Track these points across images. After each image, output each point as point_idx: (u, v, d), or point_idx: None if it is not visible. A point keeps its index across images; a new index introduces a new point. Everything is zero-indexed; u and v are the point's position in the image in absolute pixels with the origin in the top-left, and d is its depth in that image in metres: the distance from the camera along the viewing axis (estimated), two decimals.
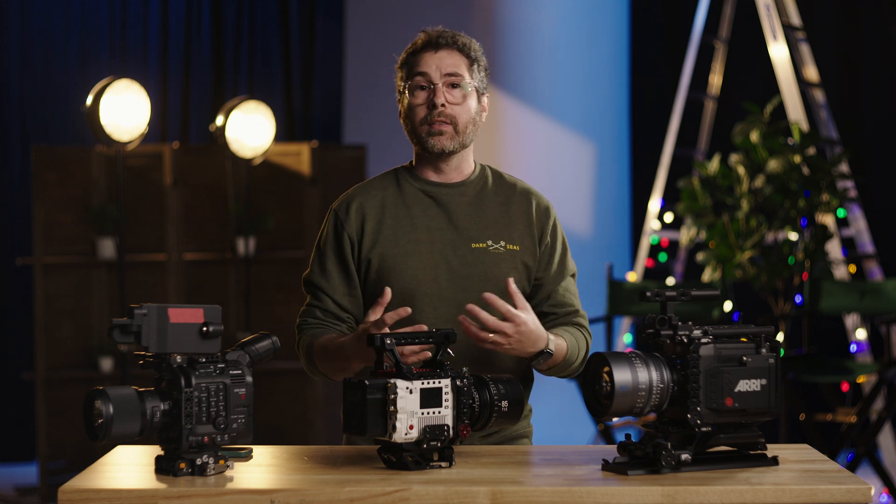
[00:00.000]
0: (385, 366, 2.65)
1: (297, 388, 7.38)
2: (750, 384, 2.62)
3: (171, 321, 2.52)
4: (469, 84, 3.14)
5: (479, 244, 3.15)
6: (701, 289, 2.68)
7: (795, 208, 6.97)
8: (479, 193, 3.20)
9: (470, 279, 3.12)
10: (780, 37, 7.68)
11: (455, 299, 3.10)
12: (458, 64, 3.14)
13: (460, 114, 3.12)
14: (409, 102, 3.14)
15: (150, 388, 2.52)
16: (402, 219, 3.16)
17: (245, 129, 7.13)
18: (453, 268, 3.12)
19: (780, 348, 2.67)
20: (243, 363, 2.59)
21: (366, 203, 3.18)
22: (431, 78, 3.13)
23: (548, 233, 3.21)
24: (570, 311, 3.22)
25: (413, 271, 3.11)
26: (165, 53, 8.51)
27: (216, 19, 8.62)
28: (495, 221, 3.18)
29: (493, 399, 2.68)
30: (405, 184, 3.20)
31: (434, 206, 3.17)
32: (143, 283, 7.46)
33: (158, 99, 8.33)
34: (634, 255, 8.84)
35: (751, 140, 7.08)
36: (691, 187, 7.33)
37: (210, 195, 7.59)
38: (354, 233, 3.15)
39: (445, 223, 3.16)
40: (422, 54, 3.15)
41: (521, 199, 3.23)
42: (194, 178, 7.54)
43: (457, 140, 3.13)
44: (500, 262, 3.14)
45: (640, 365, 2.58)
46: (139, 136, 6.17)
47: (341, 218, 3.18)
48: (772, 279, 7.09)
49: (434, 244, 3.13)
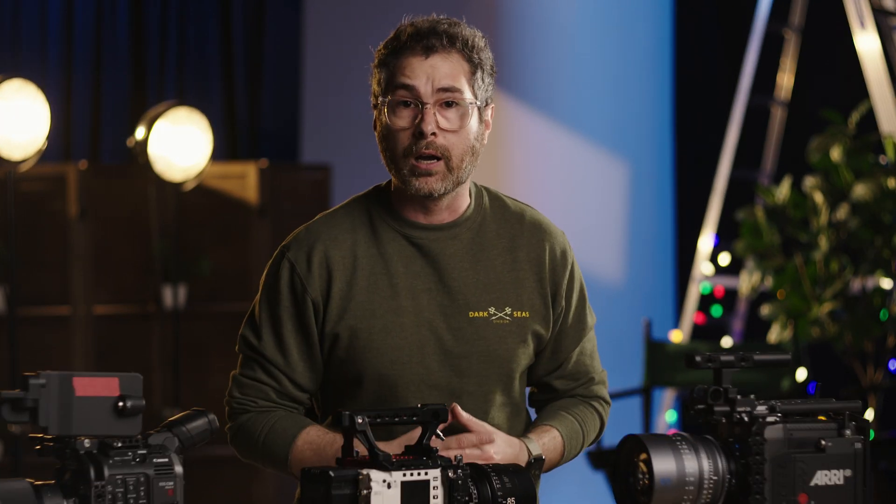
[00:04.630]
0: (355, 452, 2.65)
1: (243, 481, 7.38)
2: (830, 476, 2.63)
3: (78, 394, 2.52)
4: (470, 102, 3.01)
5: (478, 312, 3.07)
6: (766, 352, 2.69)
7: (889, 247, 7.00)
8: (477, 236, 3.12)
9: (468, 359, 3.06)
10: (869, 25, 7.73)
11: (448, 385, 3.06)
12: (457, 74, 3.01)
13: (455, 144, 2.98)
14: (388, 124, 3.01)
15: (49, 482, 2.52)
16: (378, 277, 3.06)
17: (173, 144, 7.15)
18: (445, 345, 3.06)
19: (869, 429, 2.68)
20: (171, 449, 2.59)
21: (332, 253, 3.06)
22: (420, 94, 2.98)
23: (563, 288, 3.15)
24: (584, 381, 3.22)
25: (394, 352, 3.04)
26: (70, 47, 8.54)
27: (136, 4, 8.65)
28: (499, 278, 3.10)
29: (496, 495, 2.68)
30: (380, 225, 3.10)
31: (419, 258, 3.08)
32: (41, 344, 7.46)
33: (61, 105, 8.34)
34: (680, 307, 8.87)
35: (831, 159, 7.11)
36: (754, 220, 7.36)
37: (128, 230, 7.60)
38: (319, 296, 3.05)
39: (434, 283, 3.07)
40: (407, 58, 3.00)
41: (530, 241, 3.15)
42: (107, 207, 7.56)
43: (450, 179, 3.00)
44: (505, 336, 3.08)
45: (688, 451, 2.59)
46: (35, 154, 6.18)
47: (300, 273, 3.06)
48: (859, 339, 7.11)
49: (421, 314, 3.05)
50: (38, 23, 8.50)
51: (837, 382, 7.53)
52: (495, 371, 3.06)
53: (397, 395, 3.04)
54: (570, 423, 3.12)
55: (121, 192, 7.61)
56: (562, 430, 3.09)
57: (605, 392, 3.25)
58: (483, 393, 3.06)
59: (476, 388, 3.05)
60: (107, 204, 7.56)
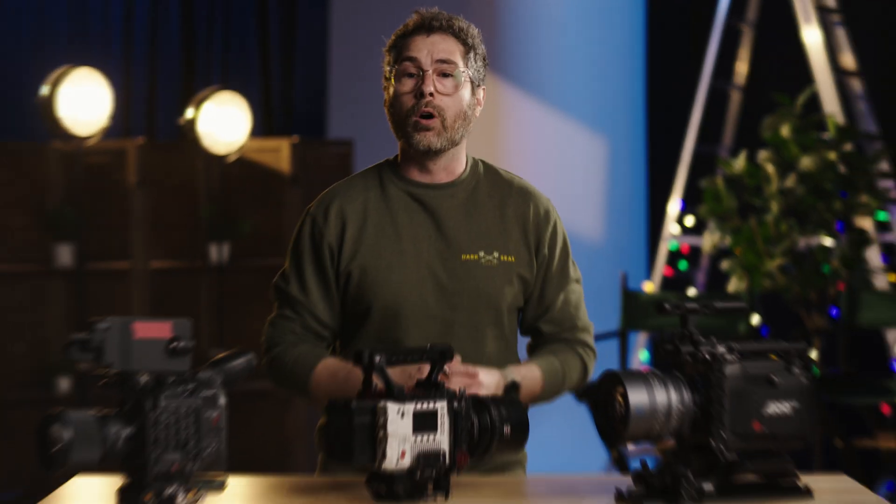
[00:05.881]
0: (374, 386, 2.65)
1: (277, 412, 7.38)
2: (780, 407, 2.63)
3: (136, 337, 2.52)
4: (462, 73, 3.11)
5: (469, 255, 3.12)
6: (725, 300, 2.68)
7: (830, 211, 6.99)
8: (471, 195, 3.18)
9: (460, 295, 3.11)
10: (813, 20, 7.70)
11: (443, 317, 3.10)
12: (452, 50, 3.11)
13: (450, 106, 3.09)
14: (395, 90, 3.11)
15: (112, 411, 2.52)
16: (385, 226, 3.13)
17: (218, 122, 7.13)
18: (441, 282, 3.11)
19: (813, 367, 2.67)
20: (216, 383, 2.58)
21: (346, 207, 3.15)
22: (421, 64, 3.09)
23: (546, 240, 3.19)
24: (568, 326, 3.23)
25: (397, 286, 3.09)
26: (129, 39, 8.52)
27: (186, 2, 8.62)
28: (488, 229, 3.16)
29: (494, 423, 2.67)
30: (389, 184, 3.18)
31: (421, 211, 3.15)
32: (105, 295, 7.45)
33: (121, 89, 8.31)
34: (651, 263, 8.85)
35: (781, 135, 7.09)
36: (715, 188, 7.34)
37: (179, 196, 7.59)
38: (334, 241, 3.13)
39: (433, 231, 3.13)
40: (412, 37, 3.12)
41: (517, 201, 3.21)
42: (161, 177, 7.54)
43: (444, 136, 3.09)
44: (493, 276, 3.13)
45: (658, 385, 2.59)
46: (100, 131, 6.17)
47: (319, 224, 3.15)
48: (804, 290, 7.10)
49: (420, 256, 3.12)
50: (102, 18, 8.47)
51: (786, 327, 7.52)
52: (484, 305, 3.11)
53: (399, 324, 3.10)
54: (549, 360, 3.15)
55: (173, 163, 7.59)
56: (541, 364, 3.13)
57: (590, 340, 3.26)
58: (474, 324, 3.10)
59: (467, 320, 3.10)
60: (161, 174, 7.55)
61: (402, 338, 3.09)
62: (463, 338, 3.08)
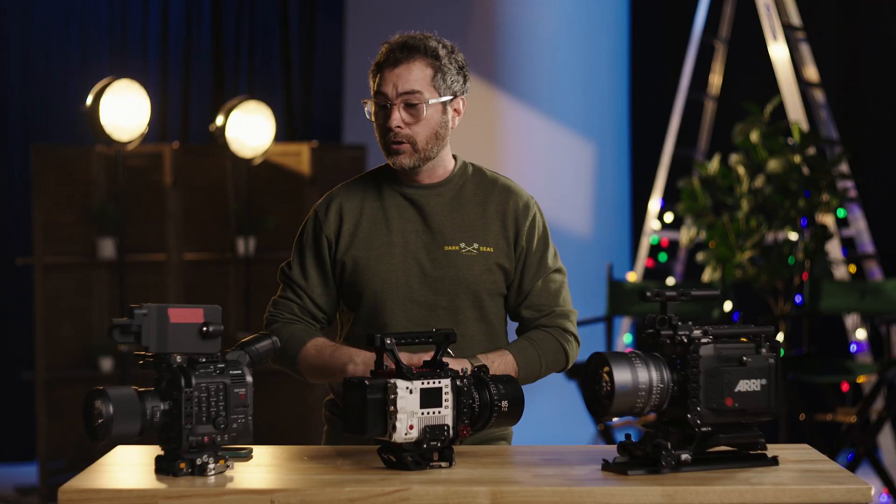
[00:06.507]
0: (384, 366, 2.66)
1: (298, 389, 7.39)
2: (750, 384, 2.63)
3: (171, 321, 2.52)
4: (426, 103, 3.07)
5: (451, 246, 3.15)
6: (701, 289, 2.68)
7: (795, 208, 6.98)
8: (457, 194, 3.20)
9: (441, 282, 3.13)
10: (780, 37, 7.69)
11: (426, 302, 3.13)
12: (418, 78, 3.07)
13: (419, 132, 3.09)
14: (372, 121, 3.15)
15: (149, 388, 2.52)
16: (377, 221, 3.17)
17: (245, 129, 7.13)
18: (425, 270, 3.13)
19: (780, 348, 2.67)
20: (243, 363, 2.59)
21: (345, 204, 3.20)
22: (388, 98, 3.08)
23: (524, 232, 3.19)
24: (546, 312, 3.21)
25: (385, 274, 3.13)
26: (165, 53, 8.52)
27: (216, 19, 8.62)
28: (471, 223, 3.17)
29: (492, 399, 2.68)
30: (385, 185, 3.21)
31: (410, 208, 3.18)
32: (143, 283, 7.46)
33: (158, 99, 8.32)
34: (634, 255, 8.85)
35: (751, 140, 7.08)
36: (691, 187, 7.33)
37: (210, 195, 7.59)
38: (332, 234, 3.18)
39: (420, 225, 3.16)
40: (382, 71, 3.10)
41: (499, 198, 3.21)
42: (194, 178, 7.54)
43: (416, 157, 3.10)
44: (472, 265, 3.14)
45: (640, 365, 2.59)
46: (139, 136, 6.17)
47: (321, 218, 3.21)
48: (772, 279, 7.09)
49: (408, 247, 3.15)
50: (140, 34, 8.47)
51: (755, 313, 7.52)
52: (463, 291, 3.13)
53: (386, 308, 3.14)
54: (523, 345, 3.15)
55: (204, 166, 7.59)
56: (513, 349, 3.13)
57: (569, 325, 3.23)
58: (454, 308, 3.13)
59: (448, 304, 3.13)
60: (194, 175, 7.54)
61: (390, 320, 3.12)
62: (444, 320, 3.12)
